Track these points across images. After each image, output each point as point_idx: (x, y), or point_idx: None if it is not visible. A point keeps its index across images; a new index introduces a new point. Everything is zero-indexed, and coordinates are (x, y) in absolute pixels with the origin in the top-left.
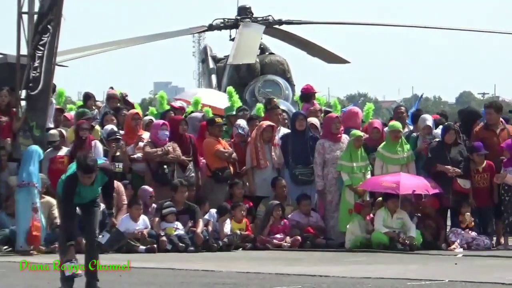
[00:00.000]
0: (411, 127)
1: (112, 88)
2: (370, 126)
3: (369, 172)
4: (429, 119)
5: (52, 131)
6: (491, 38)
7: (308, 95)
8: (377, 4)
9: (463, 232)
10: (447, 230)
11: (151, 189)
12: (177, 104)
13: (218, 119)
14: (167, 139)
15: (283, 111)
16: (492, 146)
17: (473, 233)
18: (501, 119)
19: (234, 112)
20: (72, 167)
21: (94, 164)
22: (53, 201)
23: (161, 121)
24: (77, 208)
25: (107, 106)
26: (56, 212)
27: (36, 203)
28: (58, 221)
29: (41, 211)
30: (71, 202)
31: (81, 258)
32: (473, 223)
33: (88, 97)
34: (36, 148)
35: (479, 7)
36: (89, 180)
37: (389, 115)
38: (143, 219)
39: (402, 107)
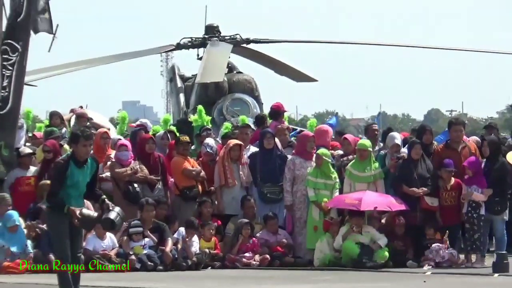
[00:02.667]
0: (381, 145)
1: (81, 107)
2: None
3: (337, 190)
4: (397, 137)
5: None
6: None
7: (277, 112)
8: (345, 23)
9: (440, 250)
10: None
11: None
12: (139, 122)
13: (183, 138)
14: (130, 159)
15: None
16: (455, 165)
17: (448, 250)
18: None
19: (198, 131)
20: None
21: (91, 133)
22: None
23: (120, 142)
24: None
25: (76, 125)
26: None
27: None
28: None
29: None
30: (60, 185)
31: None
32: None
33: (53, 116)
34: None
35: (446, 25)
36: (88, 149)
37: (357, 133)
38: (110, 237)
39: (375, 125)
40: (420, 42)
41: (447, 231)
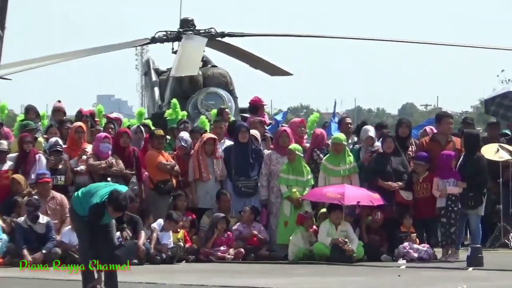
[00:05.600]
0: (355, 139)
1: (59, 101)
2: (314, 135)
3: (309, 187)
4: (371, 130)
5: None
6: (434, 49)
7: (256, 106)
8: (319, 16)
9: (410, 245)
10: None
11: None
12: (113, 115)
13: (158, 132)
14: (110, 152)
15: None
16: (437, 158)
17: (419, 246)
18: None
19: (175, 125)
20: (100, 191)
21: (127, 204)
22: None
23: (103, 134)
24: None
25: (52, 118)
26: None
27: None
28: None
29: None
30: (93, 228)
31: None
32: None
33: (28, 110)
34: None
35: (421, 19)
36: (117, 215)
37: None
38: None
39: (348, 118)
40: (394, 36)
41: (419, 226)
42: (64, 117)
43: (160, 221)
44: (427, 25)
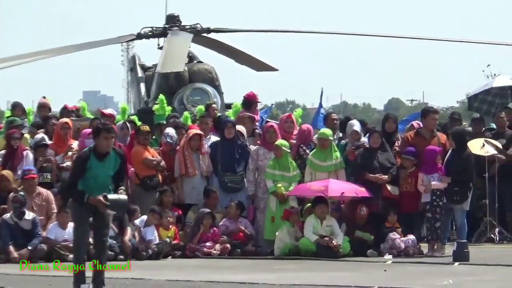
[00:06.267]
0: (340, 134)
1: (44, 97)
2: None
3: (296, 183)
4: (356, 125)
5: None
6: (420, 44)
7: (250, 102)
8: (305, 12)
9: (396, 238)
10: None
11: None
12: (108, 111)
13: (144, 127)
14: None
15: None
16: (423, 153)
17: (405, 238)
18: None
19: (164, 121)
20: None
21: (112, 127)
22: None
23: (88, 130)
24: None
25: (38, 115)
26: None
27: None
28: None
29: None
30: (77, 177)
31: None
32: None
33: (15, 107)
34: None
35: (407, 14)
36: (110, 142)
37: None
38: (72, 227)
39: (334, 114)
40: (380, 32)
41: (404, 221)
42: (49, 113)
43: (143, 217)
44: (413, 20)
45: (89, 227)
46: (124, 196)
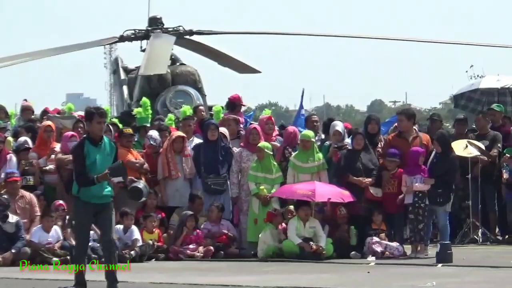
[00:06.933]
0: (323, 136)
1: (25, 100)
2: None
3: (278, 185)
4: (338, 125)
5: None
6: (402, 46)
7: (234, 104)
8: (287, 14)
9: (379, 240)
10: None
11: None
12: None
13: (127, 130)
14: None
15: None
16: (404, 154)
17: (388, 242)
18: (414, 127)
19: (148, 124)
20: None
21: (105, 111)
22: None
23: (70, 133)
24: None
25: (21, 118)
26: None
27: None
28: None
29: None
30: (83, 163)
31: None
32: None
33: None
34: None
35: (389, 15)
36: (102, 126)
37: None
38: (56, 230)
39: (315, 116)
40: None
41: (387, 222)
42: (32, 116)
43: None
44: (395, 22)
45: (90, 229)
46: (119, 162)
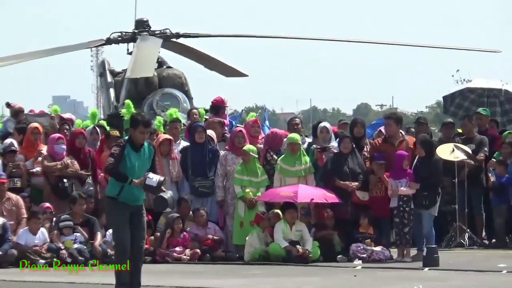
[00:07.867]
0: (309, 140)
1: (8, 103)
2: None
3: (263, 188)
4: (326, 124)
5: None
6: (389, 50)
7: (218, 107)
8: (274, 17)
9: (364, 247)
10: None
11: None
12: (66, 115)
13: (114, 132)
14: (64, 153)
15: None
16: (391, 158)
17: (374, 248)
18: (400, 130)
19: None
20: None
21: (151, 121)
22: None
23: (57, 135)
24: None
25: (12, 120)
26: None
27: None
28: None
29: None
30: (119, 160)
31: None
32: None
33: None
34: None
35: (377, 19)
36: (145, 136)
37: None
38: (42, 232)
39: (296, 119)
40: (349, 36)
41: (374, 226)
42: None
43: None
44: (382, 25)
45: (128, 228)
46: (159, 177)
